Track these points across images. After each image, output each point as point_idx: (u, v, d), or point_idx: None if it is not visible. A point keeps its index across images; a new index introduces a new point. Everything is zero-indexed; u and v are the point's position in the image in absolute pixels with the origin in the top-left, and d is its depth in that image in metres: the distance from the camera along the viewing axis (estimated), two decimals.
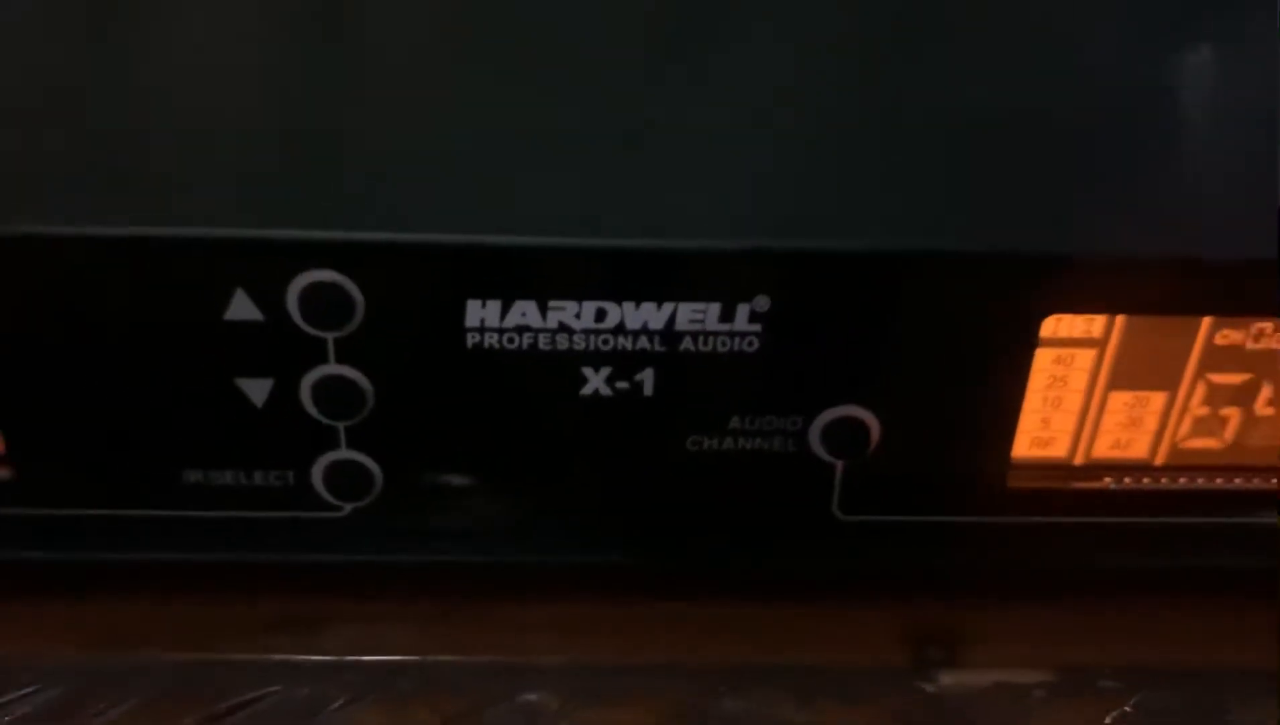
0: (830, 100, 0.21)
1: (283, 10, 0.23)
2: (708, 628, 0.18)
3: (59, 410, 0.17)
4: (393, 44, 0.22)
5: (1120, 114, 0.20)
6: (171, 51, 0.21)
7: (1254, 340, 0.17)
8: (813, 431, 0.17)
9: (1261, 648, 0.17)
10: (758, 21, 0.23)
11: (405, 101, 0.20)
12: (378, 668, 0.17)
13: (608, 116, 0.19)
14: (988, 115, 0.20)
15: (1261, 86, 0.21)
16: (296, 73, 0.21)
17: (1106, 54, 0.22)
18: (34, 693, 0.16)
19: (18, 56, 0.21)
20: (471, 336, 0.16)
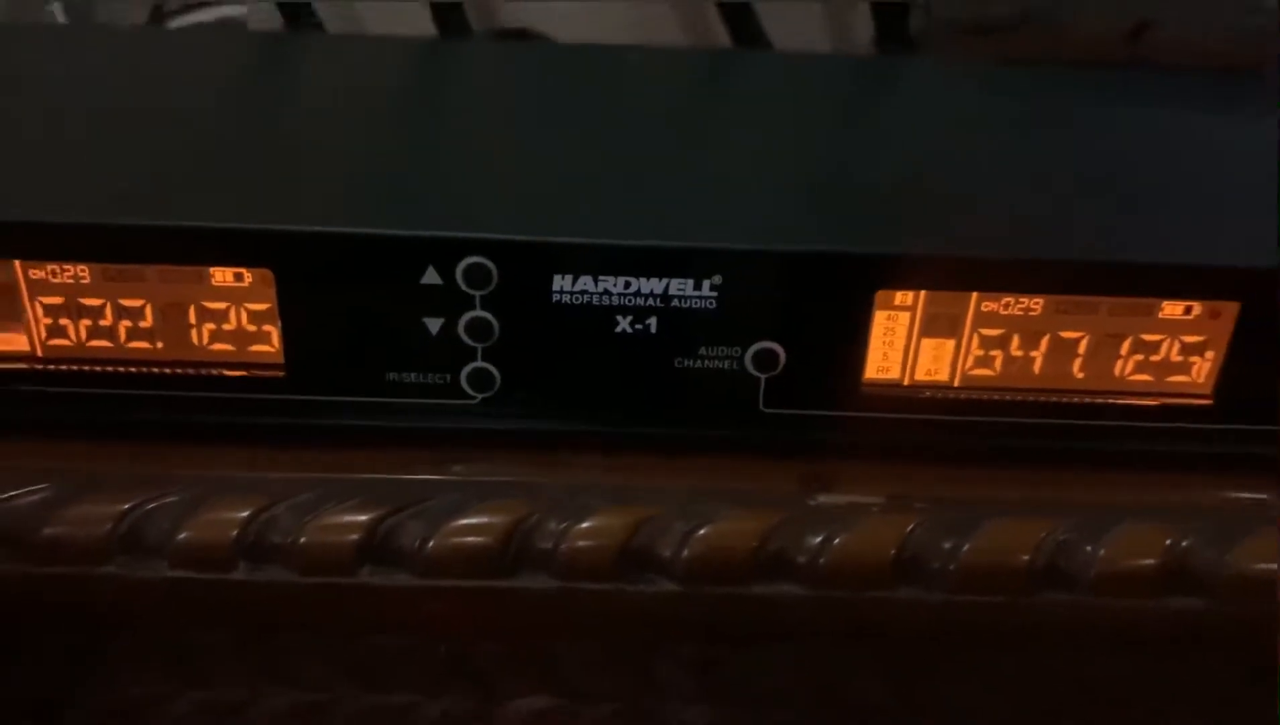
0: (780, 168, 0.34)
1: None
2: (681, 468, 0.30)
3: (334, 332, 0.30)
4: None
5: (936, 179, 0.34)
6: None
7: (1004, 308, 0.30)
8: (746, 357, 0.30)
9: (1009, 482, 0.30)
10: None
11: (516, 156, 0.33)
12: (490, 486, 0.30)
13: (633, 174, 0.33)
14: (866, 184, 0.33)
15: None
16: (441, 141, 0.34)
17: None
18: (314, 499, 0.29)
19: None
20: (555, 296, 0.29)
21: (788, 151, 0.37)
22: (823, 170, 0.35)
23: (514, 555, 0.28)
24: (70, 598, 0.29)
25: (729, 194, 0.33)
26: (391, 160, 0.34)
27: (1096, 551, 0.29)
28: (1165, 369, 0.30)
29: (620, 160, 0.35)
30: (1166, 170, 0.36)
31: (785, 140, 0.38)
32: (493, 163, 0.34)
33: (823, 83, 0.46)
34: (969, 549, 0.29)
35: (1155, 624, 0.29)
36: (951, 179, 0.35)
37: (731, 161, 0.35)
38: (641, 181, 0.33)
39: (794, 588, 0.29)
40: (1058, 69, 0.48)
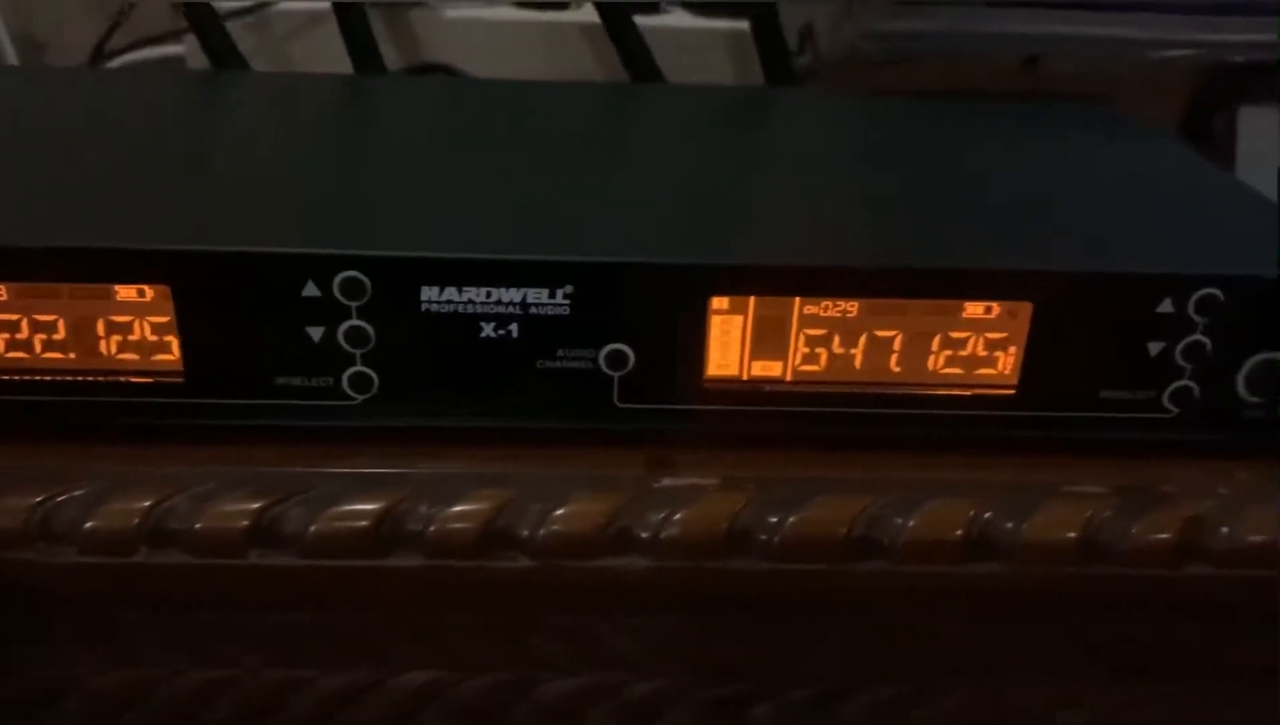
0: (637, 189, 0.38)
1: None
2: (542, 458, 0.34)
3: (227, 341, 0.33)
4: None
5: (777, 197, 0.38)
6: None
7: (824, 311, 0.34)
8: (600, 358, 0.34)
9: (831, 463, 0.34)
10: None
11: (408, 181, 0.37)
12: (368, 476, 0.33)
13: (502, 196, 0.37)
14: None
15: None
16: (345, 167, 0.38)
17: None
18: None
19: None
20: (424, 305, 0.33)
21: (648, 174, 0.41)
22: (675, 190, 0.39)
23: (386, 537, 0.32)
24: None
25: (586, 212, 0.36)
26: (283, 185, 0.38)
27: (906, 523, 0.32)
28: (973, 363, 0.34)
29: (492, 183, 0.39)
30: (992, 187, 0.41)
31: (649, 165, 0.42)
32: (375, 187, 0.38)
33: (698, 113, 0.50)
34: (793, 522, 0.32)
35: (960, 587, 0.33)
36: (790, 197, 0.39)
37: (594, 183, 0.39)
38: (508, 202, 0.37)
39: (639, 560, 0.32)
40: (932, 99, 0.52)
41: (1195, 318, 0.33)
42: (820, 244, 0.35)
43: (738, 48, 0.70)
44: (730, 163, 0.43)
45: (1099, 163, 0.45)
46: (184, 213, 0.35)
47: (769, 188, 0.40)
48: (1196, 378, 0.34)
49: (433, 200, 0.37)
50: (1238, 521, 0.33)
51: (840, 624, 0.35)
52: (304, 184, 0.38)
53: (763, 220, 0.37)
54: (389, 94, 0.52)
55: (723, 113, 0.51)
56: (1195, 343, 0.34)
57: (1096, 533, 0.33)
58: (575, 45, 0.70)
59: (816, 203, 0.39)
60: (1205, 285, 0.33)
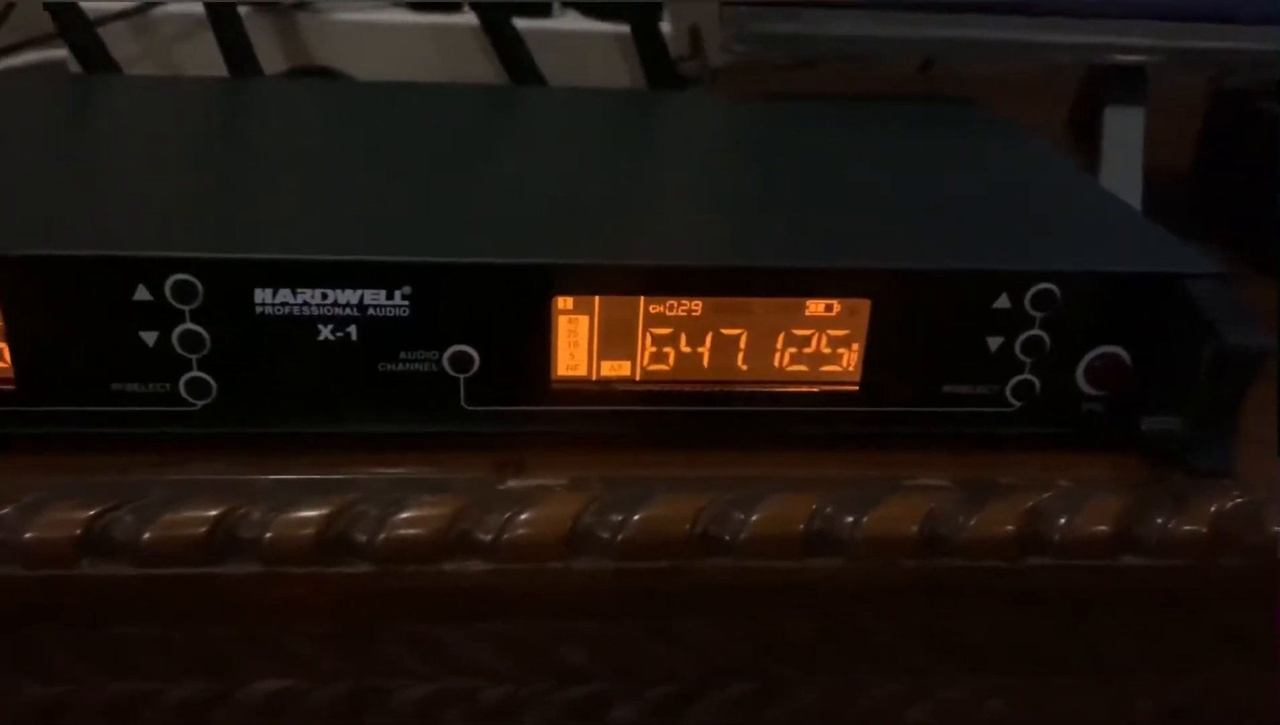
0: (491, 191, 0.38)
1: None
2: (388, 462, 0.34)
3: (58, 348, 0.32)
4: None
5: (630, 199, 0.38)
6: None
7: (669, 310, 0.34)
8: (443, 359, 0.33)
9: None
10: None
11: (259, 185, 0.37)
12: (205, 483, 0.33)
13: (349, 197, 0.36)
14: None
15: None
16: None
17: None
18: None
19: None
20: (259, 308, 0.32)
21: (509, 177, 0.40)
22: (532, 193, 0.39)
23: (220, 544, 0.31)
24: None
25: (437, 213, 0.36)
26: (131, 190, 0.37)
27: (748, 518, 0.33)
28: (817, 360, 0.35)
29: (348, 186, 0.38)
30: (843, 187, 0.41)
31: (513, 168, 0.42)
32: (223, 191, 0.38)
33: (570, 116, 0.50)
34: (637, 520, 0.32)
35: (802, 583, 0.33)
36: (647, 199, 0.39)
37: (452, 186, 0.39)
38: (359, 204, 0.37)
39: (479, 563, 0.32)
40: (809, 101, 0.52)
41: (1032, 312, 0.34)
42: (667, 244, 0.35)
43: (630, 52, 0.71)
44: (595, 166, 0.43)
45: (961, 162, 0.46)
46: (19, 217, 0.34)
47: (628, 190, 0.40)
48: (1036, 372, 0.35)
49: (279, 203, 0.37)
50: (1077, 513, 0.34)
51: (690, 623, 0.35)
52: (153, 189, 0.38)
53: (615, 221, 0.37)
54: (262, 97, 0.52)
55: (598, 116, 0.51)
56: (1034, 337, 0.34)
57: (936, 525, 0.33)
58: (466, 48, 0.69)
59: (672, 204, 0.39)
60: (1041, 280, 0.34)
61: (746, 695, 0.38)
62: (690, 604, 0.34)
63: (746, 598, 0.34)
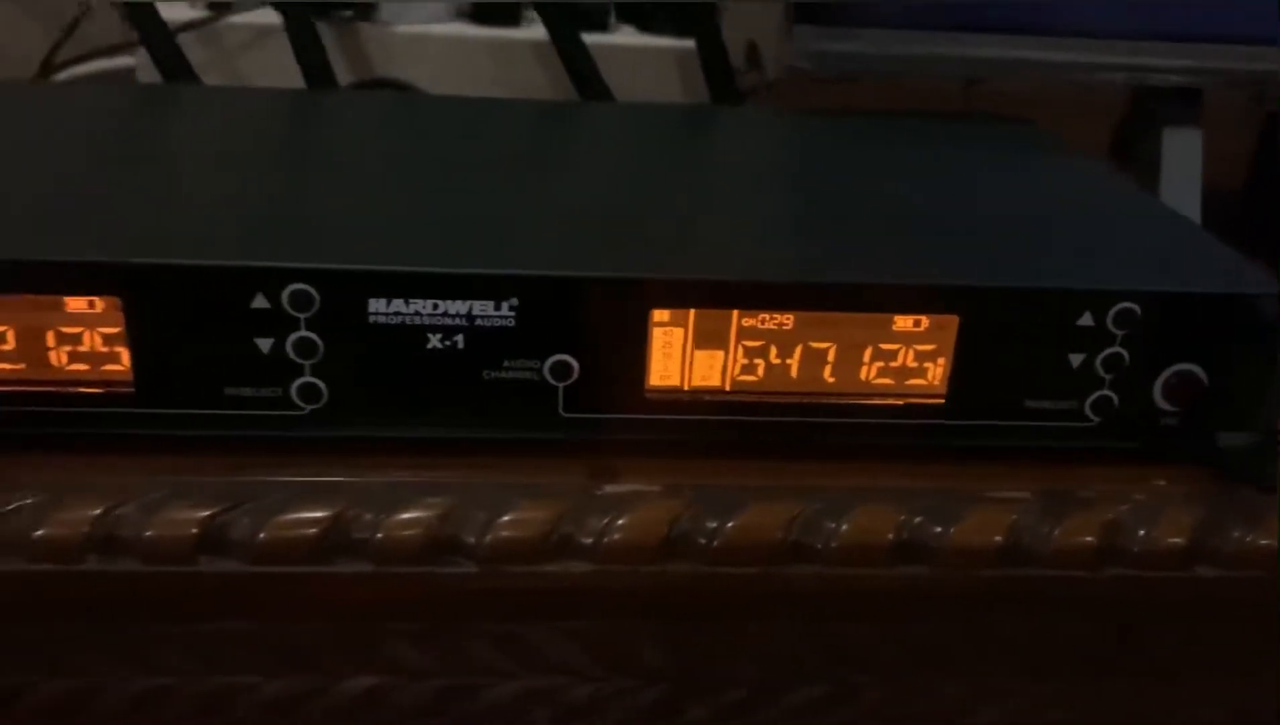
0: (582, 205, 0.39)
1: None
2: (488, 467, 0.35)
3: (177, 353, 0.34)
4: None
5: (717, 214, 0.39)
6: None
7: (761, 323, 0.35)
8: (544, 368, 0.35)
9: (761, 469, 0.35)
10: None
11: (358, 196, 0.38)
12: (316, 485, 0.34)
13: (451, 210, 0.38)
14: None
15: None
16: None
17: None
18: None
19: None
20: (372, 317, 0.34)
21: (596, 190, 0.42)
22: (619, 206, 0.40)
23: (333, 544, 0.33)
24: None
25: (533, 226, 0.38)
26: (235, 199, 0.39)
27: (838, 527, 0.34)
28: (904, 373, 0.36)
29: (442, 198, 0.40)
30: (920, 204, 0.42)
31: (597, 180, 0.43)
32: (325, 201, 0.39)
33: (644, 131, 0.51)
34: (730, 527, 0.33)
35: (887, 590, 0.34)
36: (731, 213, 0.40)
37: (541, 199, 0.40)
38: (457, 216, 0.38)
39: (582, 565, 0.33)
40: (869, 117, 0.54)
41: (1114, 330, 0.35)
42: (758, 259, 0.36)
43: (684, 65, 0.72)
44: (674, 179, 0.45)
45: (1024, 181, 0.47)
46: (136, 226, 0.35)
47: (710, 204, 0.41)
48: (1116, 388, 0.36)
49: (382, 214, 0.38)
50: (1154, 525, 0.35)
51: (767, 628, 0.37)
52: (255, 198, 0.39)
53: (704, 235, 0.38)
54: (340, 109, 0.53)
55: (668, 130, 0.52)
56: (1114, 355, 0.35)
57: (1020, 536, 0.34)
58: (525, 62, 0.71)
59: (755, 219, 0.40)
60: (1123, 300, 0.35)
61: (816, 699, 0.39)
62: (769, 609, 0.36)
63: (829, 604, 0.35)
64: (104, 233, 0.35)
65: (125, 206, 0.37)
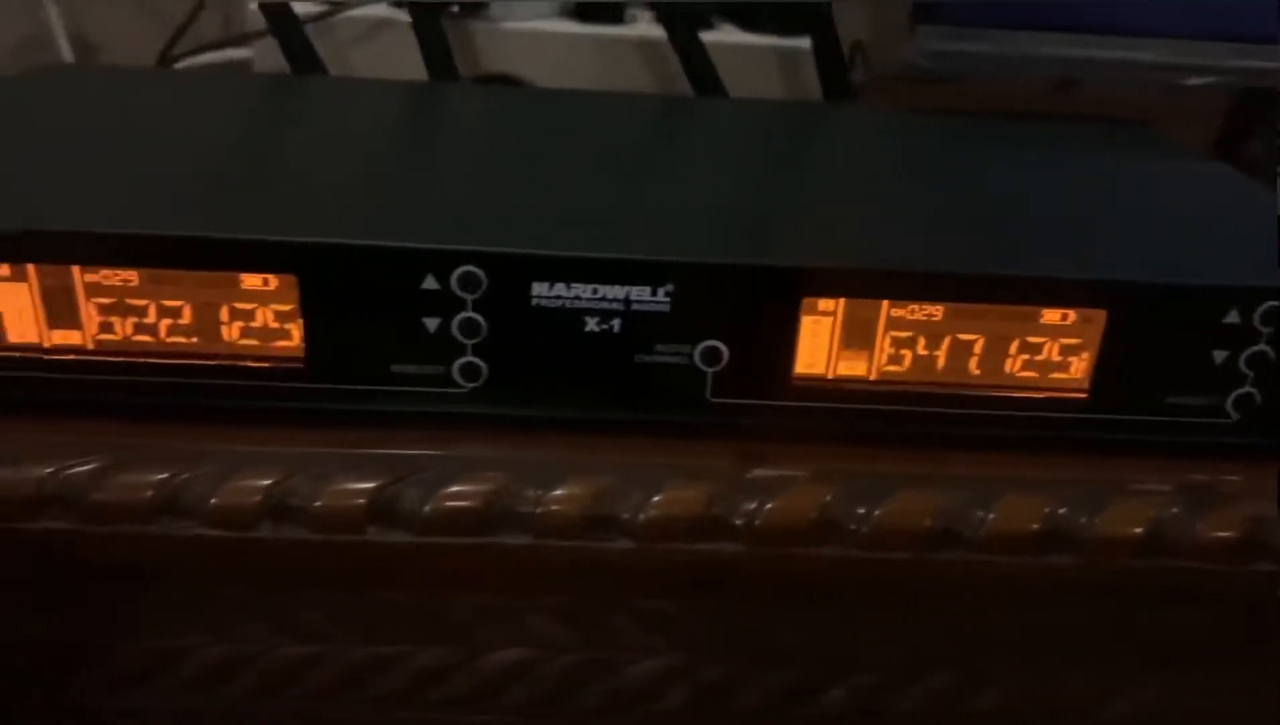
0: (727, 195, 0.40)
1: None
2: (639, 447, 0.35)
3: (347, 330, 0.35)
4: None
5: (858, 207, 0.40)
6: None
7: (910, 314, 0.36)
8: (695, 354, 0.36)
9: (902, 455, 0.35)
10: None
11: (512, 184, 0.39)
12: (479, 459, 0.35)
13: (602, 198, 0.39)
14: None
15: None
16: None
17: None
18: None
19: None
20: (535, 300, 0.35)
21: (734, 181, 0.43)
22: (763, 197, 0.41)
23: (496, 517, 0.34)
24: (116, 554, 0.34)
25: (683, 216, 0.38)
26: (396, 184, 0.40)
27: (987, 517, 0.34)
28: (1048, 367, 0.36)
29: (592, 187, 0.41)
30: (1053, 201, 0.43)
31: (732, 173, 0.44)
32: (483, 188, 0.40)
33: (767, 125, 0.52)
34: (879, 514, 0.34)
35: (1035, 578, 0.35)
36: (869, 207, 0.41)
37: (687, 189, 0.41)
38: (609, 204, 0.39)
39: (732, 546, 0.34)
40: (981, 117, 0.54)
41: (1260, 328, 0.35)
42: (907, 250, 0.37)
43: (785, 63, 0.73)
44: (809, 173, 0.46)
45: (1152, 181, 0.47)
46: (306, 207, 0.37)
47: (850, 197, 0.42)
48: (1258, 385, 0.36)
49: (537, 202, 0.39)
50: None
51: (902, 614, 0.37)
52: (411, 183, 0.40)
53: (850, 227, 0.39)
54: (468, 101, 0.54)
55: (789, 125, 0.53)
56: (1259, 353, 0.36)
57: (1162, 529, 0.35)
58: (628, 59, 0.72)
59: (896, 213, 0.41)
60: (1271, 297, 0.35)
61: (948, 685, 0.39)
62: (909, 595, 0.36)
63: (968, 591, 0.36)
64: (279, 213, 0.36)
65: (291, 189, 0.39)
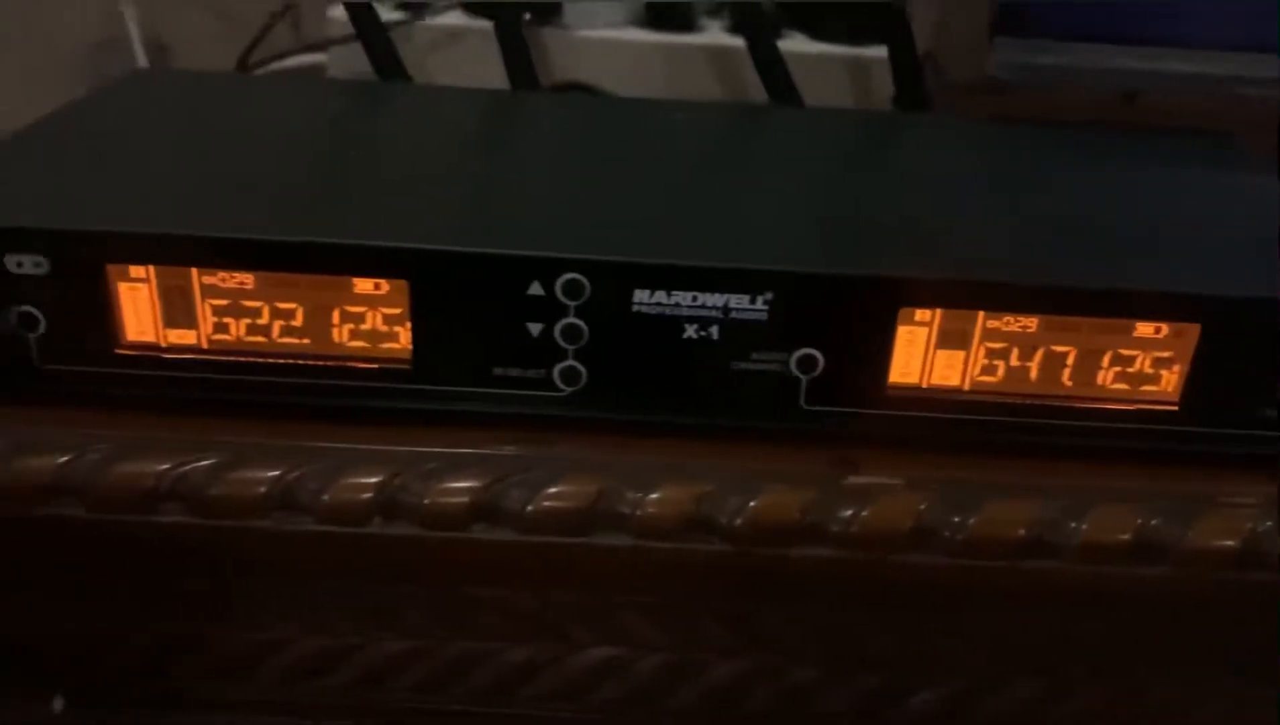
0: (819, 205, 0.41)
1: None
2: (734, 453, 0.36)
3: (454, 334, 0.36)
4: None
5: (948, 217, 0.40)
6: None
7: (1005, 326, 0.36)
8: (791, 361, 0.36)
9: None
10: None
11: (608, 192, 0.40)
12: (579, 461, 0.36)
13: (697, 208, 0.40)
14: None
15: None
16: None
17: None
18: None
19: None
20: (636, 307, 0.35)
21: (825, 191, 0.43)
22: (854, 207, 0.42)
23: (596, 517, 0.35)
24: (223, 548, 0.35)
25: (778, 225, 0.39)
26: (496, 193, 0.41)
27: (1080, 527, 0.35)
28: (1139, 379, 0.37)
29: (685, 195, 0.42)
30: (1141, 214, 0.43)
31: (821, 182, 0.45)
32: (580, 196, 0.41)
33: (849, 134, 0.53)
34: (974, 522, 0.35)
35: (1127, 589, 0.35)
36: (960, 218, 0.41)
37: (778, 197, 0.42)
38: (704, 212, 0.40)
39: (827, 551, 0.35)
40: (1053, 127, 0.54)
41: None
42: (1002, 261, 0.37)
43: (854, 72, 0.73)
44: (896, 182, 0.46)
45: (1236, 193, 0.47)
46: (416, 214, 0.38)
47: (940, 206, 0.42)
48: None
49: (635, 210, 0.40)
50: None
51: (992, 621, 0.38)
52: (513, 191, 0.41)
53: (943, 237, 0.39)
54: (552, 108, 0.55)
55: (873, 134, 0.54)
56: None
57: (1255, 542, 0.35)
58: (698, 67, 0.73)
59: (988, 222, 0.41)
60: None
61: (1035, 693, 0.40)
62: (1000, 603, 0.37)
63: (1057, 600, 0.36)
64: (390, 220, 0.37)
65: (397, 196, 0.40)
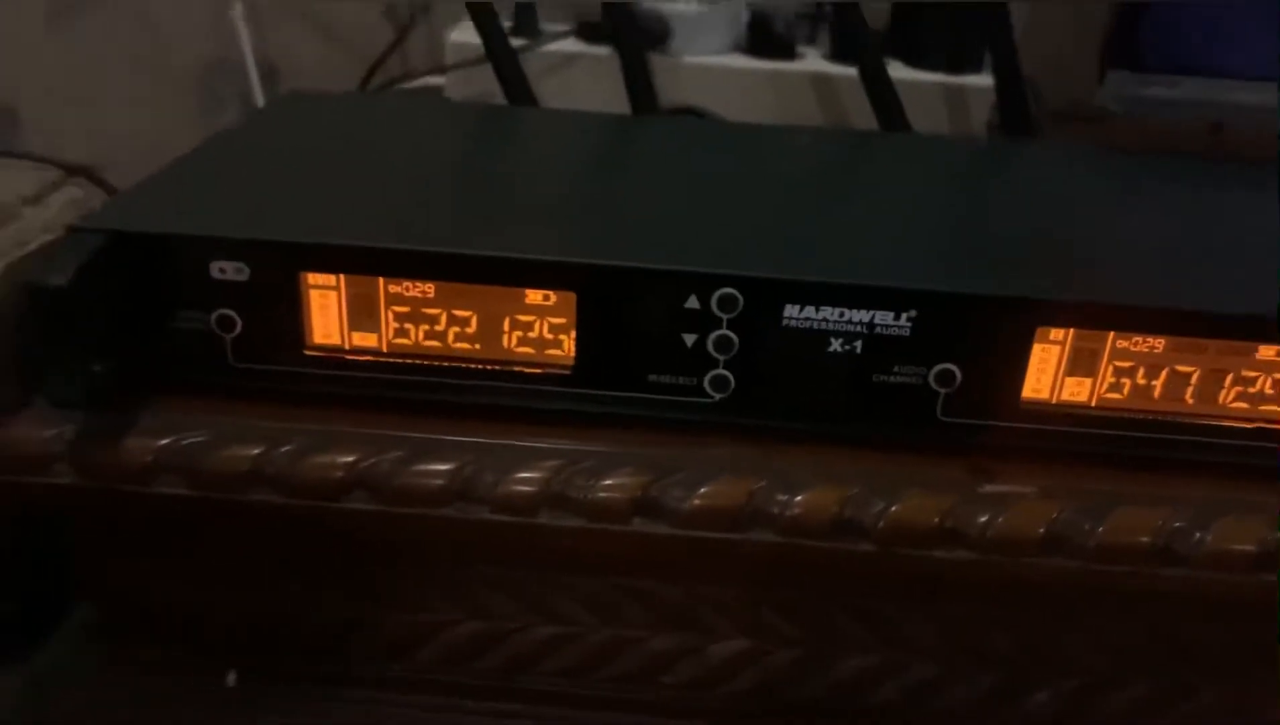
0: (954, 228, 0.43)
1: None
2: (874, 461, 0.39)
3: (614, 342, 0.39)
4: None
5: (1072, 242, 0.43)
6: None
7: (1133, 346, 0.39)
8: (930, 375, 0.39)
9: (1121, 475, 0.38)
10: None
11: (748, 211, 0.43)
12: (730, 463, 0.39)
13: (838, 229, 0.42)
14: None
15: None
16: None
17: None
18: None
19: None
20: (785, 321, 0.38)
21: (952, 214, 0.46)
22: (983, 230, 0.44)
23: (749, 515, 0.37)
24: (411, 533, 0.39)
25: (914, 246, 0.42)
26: (646, 211, 0.44)
27: (1205, 537, 0.37)
28: (1260, 399, 0.39)
29: (821, 216, 0.44)
30: (1261, 239, 0.45)
31: (947, 204, 0.47)
32: (725, 215, 0.44)
33: (963, 158, 0.55)
34: (1103, 529, 0.37)
35: (1252, 596, 0.37)
36: (1088, 241, 0.44)
37: (908, 221, 0.45)
38: (842, 235, 0.42)
39: (966, 553, 0.37)
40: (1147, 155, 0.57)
41: None
42: (1131, 284, 0.40)
43: (951, 100, 0.76)
44: (1022, 205, 0.49)
45: None
46: (581, 231, 0.41)
47: (1067, 229, 0.45)
48: None
49: (779, 229, 0.43)
50: None
51: (1113, 623, 0.40)
52: (662, 210, 0.44)
53: (1073, 260, 0.42)
54: (679, 132, 0.58)
55: (989, 160, 0.56)
56: None
57: None
58: (801, 93, 0.76)
59: (1114, 246, 0.44)
60: None
61: (1152, 693, 0.42)
62: (1125, 606, 0.39)
63: (1182, 605, 0.38)
64: (559, 236, 0.40)
65: (560, 213, 0.43)
